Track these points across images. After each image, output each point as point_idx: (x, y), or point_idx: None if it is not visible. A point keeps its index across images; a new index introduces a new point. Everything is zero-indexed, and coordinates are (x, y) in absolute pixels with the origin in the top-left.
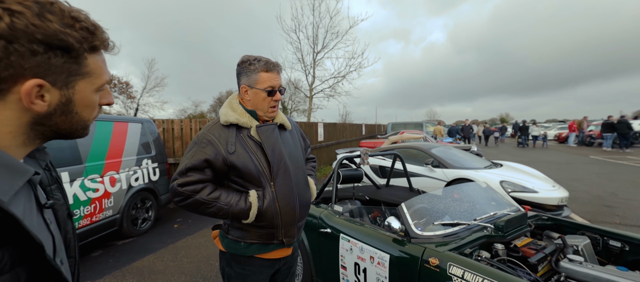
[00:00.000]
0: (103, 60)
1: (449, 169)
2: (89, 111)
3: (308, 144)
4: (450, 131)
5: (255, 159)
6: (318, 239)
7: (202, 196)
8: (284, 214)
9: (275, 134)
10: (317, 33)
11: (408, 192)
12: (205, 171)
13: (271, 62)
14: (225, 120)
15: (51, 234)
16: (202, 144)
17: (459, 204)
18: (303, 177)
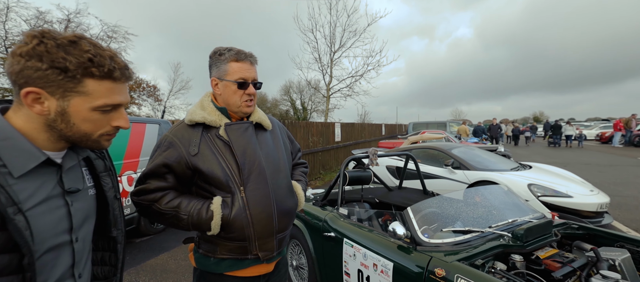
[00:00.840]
0: (108, 87)
1: (470, 170)
2: (88, 125)
3: (297, 147)
4: (476, 131)
5: (223, 161)
6: (322, 243)
7: (160, 205)
8: (257, 223)
9: (248, 134)
10: (334, 32)
11: (421, 195)
12: (165, 176)
13: (244, 51)
14: (190, 120)
15: (70, 214)
16: (163, 146)
17: (473, 209)
18: (284, 182)
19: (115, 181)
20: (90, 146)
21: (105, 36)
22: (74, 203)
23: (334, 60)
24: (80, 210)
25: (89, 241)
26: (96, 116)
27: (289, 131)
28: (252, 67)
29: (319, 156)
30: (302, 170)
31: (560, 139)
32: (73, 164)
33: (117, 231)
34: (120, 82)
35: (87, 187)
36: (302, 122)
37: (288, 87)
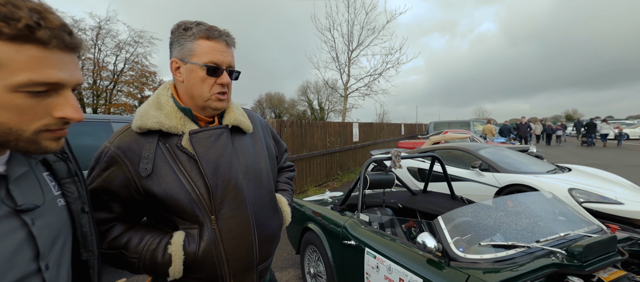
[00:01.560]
0: (36, 56)
1: (501, 173)
2: (9, 116)
3: (284, 148)
4: (503, 130)
5: (187, 183)
6: (342, 251)
7: (103, 244)
8: (233, 260)
9: (221, 143)
10: (352, 30)
11: (449, 201)
12: (109, 205)
13: (217, 28)
14: (140, 126)
15: (32, 236)
16: (101, 163)
17: (515, 219)
18: (267, 200)
19: (84, 189)
20: (26, 148)
21: (132, 41)
22: (36, 221)
23: (351, 59)
24: (47, 228)
25: (67, 263)
26: (21, 101)
27: (304, 131)
28: (228, 49)
29: (337, 156)
30: (287, 176)
31: (594, 138)
32: (23, 171)
33: (87, 253)
34: (56, 49)
35: (55, 197)
36: (320, 122)
37: (305, 87)
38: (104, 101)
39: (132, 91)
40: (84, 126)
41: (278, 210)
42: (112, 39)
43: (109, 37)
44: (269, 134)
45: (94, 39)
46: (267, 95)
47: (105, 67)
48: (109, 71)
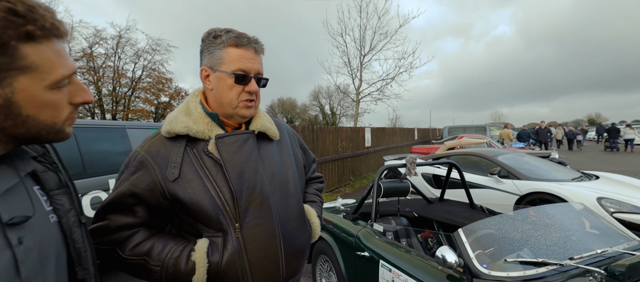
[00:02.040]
0: (56, 51)
1: (522, 180)
2: (48, 113)
3: (312, 158)
4: (521, 135)
5: (213, 188)
6: (355, 262)
7: (124, 251)
8: (257, 272)
9: (247, 149)
10: (364, 35)
11: (468, 210)
12: (134, 210)
13: (247, 35)
14: (169, 130)
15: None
16: (131, 167)
17: (544, 233)
18: (295, 210)
19: (76, 200)
20: (53, 139)
21: (150, 49)
22: (25, 240)
23: (363, 63)
24: (34, 249)
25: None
26: (56, 97)
27: (316, 136)
28: (257, 56)
29: (349, 161)
30: (316, 187)
31: (617, 143)
32: (13, 183)
33: (83, 272)
34: (63, 41)
35: (47, 212)
36: (332, 127)
37: (317, 92)
38: (123, 107)
39: (149, 97)
40: (100, 132)
41: (306, 222)
42: (131, 47)
43: (129, 46)
44: (296, 143)
45: (115, 48)
46: (279, 100)
47: (124, 74)
48: (127, 78)
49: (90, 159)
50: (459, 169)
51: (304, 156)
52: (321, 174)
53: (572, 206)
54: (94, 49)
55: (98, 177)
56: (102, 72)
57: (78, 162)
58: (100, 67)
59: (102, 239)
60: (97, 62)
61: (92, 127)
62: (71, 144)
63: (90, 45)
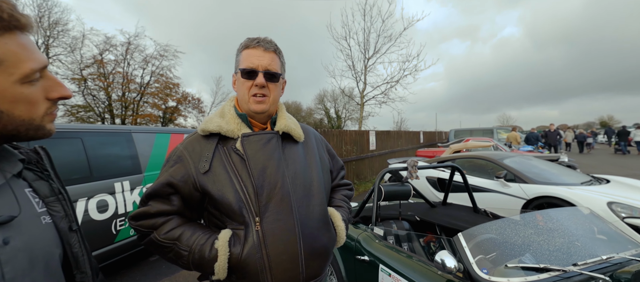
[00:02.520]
0: (21, 44)
1: (528, 184)
2: (23, 108)
3: (340, 164)
4: (529, 138)
5: (238, 183)
6: (355, 266)
7: (160, 234)
8: (276, 267)
9: (270, 147)
10: (368, 38)
11: (471, 214)
12: (170, 198)
13: (257, 37)
14: (204, 129)
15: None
16: (171, 161)
17: (547, 238)
18: (317, 211)
19: (69, 207)
20: (34, 135)
21: (158, 54)
22: (12, 240)
23: (368, 66)
24: (23, 250)
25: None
26: (28, 91)
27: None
28: (266, 53)
29: (353, 165)
30: (344, 193)
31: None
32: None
33: (81, 275)
34: (29, 33)
35: (38, 214)
36: (335, 131)
37: (322, 95)
38: (132, 112)
39: (157, 102)
40: (107, 136)
41: (330, 225)
42: (139, 53)
43: (137, 52)
44: (324, 148)
45: (124, 54)
46: (285, 104)
47: (133, 80)
48: (136, 84)
49: (97, 163)
50: (461, 172)
51: (331, 161)
52: (350, 182)
53: (577, 210)
54: (104, 56)
55: (104, 180)
56: (112, 78)
57: (85, 166)
58: (110, 73)
59: (142, 222)
60: (107, 68)
61: (98, 132)
62: (78, 149)
63: (101, 52)
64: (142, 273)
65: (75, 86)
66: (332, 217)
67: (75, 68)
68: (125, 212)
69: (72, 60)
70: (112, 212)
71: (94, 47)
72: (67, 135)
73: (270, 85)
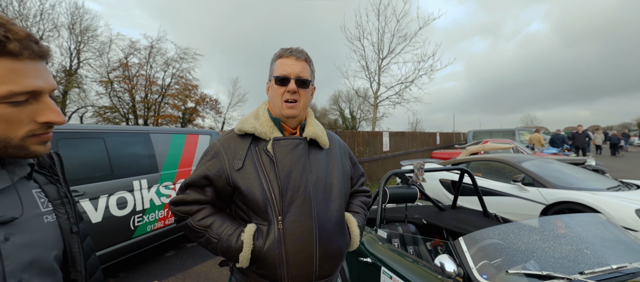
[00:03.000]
0: (12, 69)
1: (548, 188)
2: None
3: (361, 172)
4: (554, 140)
5: (266, 182)
6: (358, 268)
7: (194, 220)
8: (293, 264)
9: (298, 152)
10: (382, 38)
11: (481, 218)
12: (205, 189)
13: (291, 47)
14: (240, 129)
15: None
16: (208, 155)
17: (554, 244)
18: (335, 216)
19: (73, 211)
20: (16, 154)
21: (178, 57)
22: (12, 237)
23: (382, 67)
24: (23, 247)
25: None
26: (4, 111)
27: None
28: (298, 62)
29: (365, 166)
30: (361, 200)
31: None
32: (3, 186)
33: (76, 273)
34: (28, 59)
35: (42, 213)
36: (348, 132)
37: (337, 96)
38: (153, 113)
39: (177, 103)
40: (127, 137)
41: (345, 229)
42: (161, 56)
43: (159, 55)
44: (346, 155)
45: (147, 57)
46: None
47: (154, 82)
48: (158, 86)
49: (117, 162)
50: (470, 174)
51: (352, 168)
52: (369, 189)
53: (592, 216)
54: (129, 59)
55: (124, 178)
56: (135, 80)
57: (106, 164)
58: (134, 76)
59: (180, 208)
60: (131, 71)
61: (119, 132)
62: (100, 148)
63: (126, 55)
64: (158, 268)
65: (102, 89)
66: (348, 223)
67: (103, 71)
68: (143, 209)
69: (100, 64)
70: (131, 209)
71: (119, 51)
72: (91, 135)
73: (301, 91)
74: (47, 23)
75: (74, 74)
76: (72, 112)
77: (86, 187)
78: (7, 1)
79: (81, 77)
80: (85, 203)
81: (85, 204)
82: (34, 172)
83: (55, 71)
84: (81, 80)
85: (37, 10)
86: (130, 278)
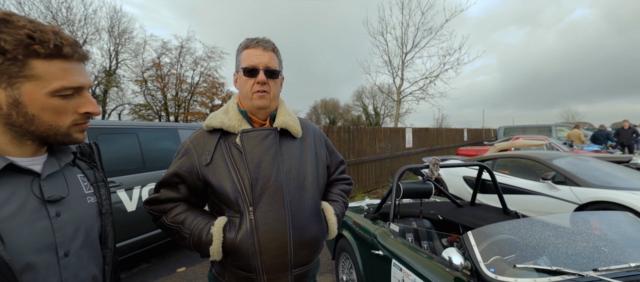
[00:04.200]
0: (63, 68)
1: (582, 187)
2: (50, 115)
3: (339, 159)
4: (597, 136)
5: (235, 174)
6: (371, 261)
7: (167, 218)
8: (266, 252)
9: (267, 143)
10: (406, 32)
11: (500, 215)
12: (178, 187)
13: (256, 38)
14: (208, 124)
15: (51, 225)
16: (179, 153)
17: (567, 241)
18: (310, 204)
19: (107, 194)
20: (62, 140)
21: (206, 56)
22: (62, 214)
23: (405, 62)
24: (70, 222)
25: (87, 255)
26: (57, 103)
27: (352, 137)
28: (265, 52)
29: (387, 162)
30: (341, 188)
31: None
32: (53, 170)
33: (105, 250)
34: (74, 60)
35: (85, 194)
36: (369, 128)
37: (360, 92)
38: (183, 110)
39: (205, 101)
40: (158, 132)
41: (321, 217)
42: (190, 55)
43: (189, 54)
44: (322, 144)
45: (177, 57)
46: (322, 101)
47: (184, 80)
48: (187, 84)
49: (149, 155)
50: (489, 170)
51: (329, 157)
52: (349, 176)
53: (616, 214)
54: (161, 59)
55: (155, 171)
56: (167, 79)
57: (139, 158)
58: (166, 75)
59: (154, 207)
60: (163, 70)
61: (150, 128)
62: (134, 143)
63: (159, 55)
64: (185, 255)
65: (137, 87)
66: (324, 211)
67: (138, 71)
68: None
69: (136, 64)
70: None
71: (153, 51)
72: (126, 131)
73: (270, 81)
74: (90, 27)
75: (113, 74)
76: (112, 109)
77: (122, 179)
78: (57, 8)
79: (119, 77)
80: (121, 193)
81: (121, 194)
82: (77, 159)
83: (96, 72)
84: (119, 79)
85: (82, 15)
86: (161, 263)
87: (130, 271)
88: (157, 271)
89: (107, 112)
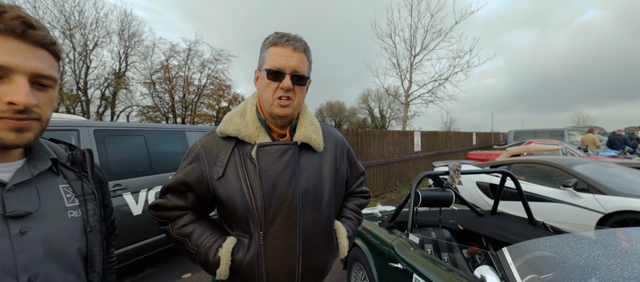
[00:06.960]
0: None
1: (607, 195)
2: None
3: (360, 171)
4: (613, 141)
5: (248, 193)
6: (388, 274)
7: (173, 228)
8: (273, 279)
9: (285, 161)
10: (415, 34)
11: (526, 226)
12: (186, 195)
13: (287, 34)
14: (222, 131)
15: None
16: (188, 158)
17: (622, 262)
18: (323, 227)
19: (98, 209)
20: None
21: (213, 59)
22: (30, 231)
23: (414, 64)
24: (39, 241)
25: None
26: None
27: (360, 140)
28: (295, 53)
29: (395, 166)
30: (356, 203)
31: None
32: (23, 179)
33: (93, 274)
34: (6, 35)
35: (66, 208)
36: (377, 131)
37: (366, 95)
38: (190, 112)
39: (211, 103)
40: (165, 134)
41: (333, 240)
42: (198, 58)
43: (196, 57)
44: (343, 156)
45: (185, 59)
46: (328, 103)
47: (191, 82)
48: (194, 86)
49: (156, 157)
50: (513, 177)
51: (349, 170)
52: (367, 190)
53: None
54: (169, 62)
55: (161, 174)
56: (175, 81)
57: (146, 160)
58: (174, 77)
59: (160, 213)
60: (171, 72)
61: (157, 130)
62: (141, 144)
63: (167, 58)
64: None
65: (146, 89)
66: (336, 232)
67: (147, 73)
68: None
69: (145, 67)
70: None
71: (161, 54)
72: (134, 132)
73: (296, 88)
74: (101, 30)
75: (122, 76)
76: (120, 111)
77: (128, 182)
78: (70, 12)
79: (128, 79)
80: (128, 196)
81: (128, 197)
82: (65, 168)
83: (106, 74)
84: (128, 82)
85: (93, 18)
86: (166, 268)
87: (135, 276)
88: (162, 277)
89: (116, 114)
